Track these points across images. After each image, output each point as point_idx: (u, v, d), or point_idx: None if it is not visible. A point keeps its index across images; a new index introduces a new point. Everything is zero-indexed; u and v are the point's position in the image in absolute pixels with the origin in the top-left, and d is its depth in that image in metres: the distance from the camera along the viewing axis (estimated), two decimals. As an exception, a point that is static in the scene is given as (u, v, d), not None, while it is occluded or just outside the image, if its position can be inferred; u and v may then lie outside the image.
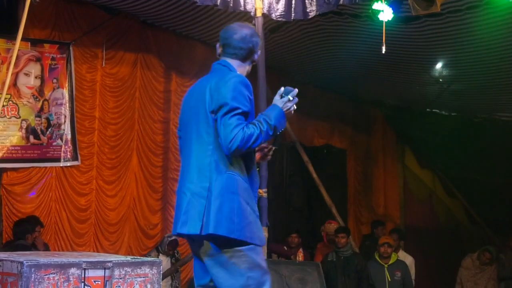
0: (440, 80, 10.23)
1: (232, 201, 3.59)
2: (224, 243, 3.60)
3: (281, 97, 3.82)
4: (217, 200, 3.58)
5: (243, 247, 3.61)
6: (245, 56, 3.98)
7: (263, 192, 7.64)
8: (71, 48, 8.60)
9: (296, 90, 3.83)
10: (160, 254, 8.78)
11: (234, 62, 3.98)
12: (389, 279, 9.14)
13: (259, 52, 4.09)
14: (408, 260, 10.05)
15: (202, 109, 3.75)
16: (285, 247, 9.39)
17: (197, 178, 3.68)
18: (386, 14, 7.46)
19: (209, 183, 3.63)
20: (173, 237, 8.91)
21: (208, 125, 3.70)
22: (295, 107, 3.82)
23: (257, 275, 3.64)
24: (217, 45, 4.09)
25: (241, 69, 3.98)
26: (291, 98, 3.78)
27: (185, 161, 3.84)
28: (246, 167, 3.73)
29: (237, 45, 3.94)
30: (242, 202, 3.62)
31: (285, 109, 3.76)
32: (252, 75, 10.29)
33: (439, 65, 9.75)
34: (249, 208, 3.65)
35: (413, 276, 9.90)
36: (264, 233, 7.62)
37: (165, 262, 8.61)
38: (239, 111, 3.60)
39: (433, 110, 12.58)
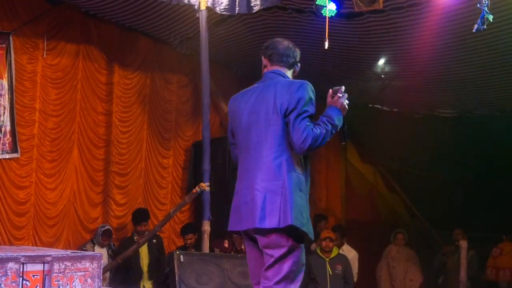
0: (382, 76, 10.36)
1: (301, 198, 3.92)
2: (286, 235, 3.87)
3: (332, 98, 4.15)
4: (291, 196, 3.87)
5: (298, 242, 3.93)
6: (291, 64, 4.30)
7: (205, 186, 7.64)
8: (10, 38, 8.40)
9: (343, 87, 4.15)
10: (96, 246, 8.74)
11: (284, 70, 4.28)
12: (330, 273, 9.22)
13: (299, 66, 4.37)
14: (352, 254, 10.17)
15: (268, 113, 4.02)
16: (226, 242, 9.38)
17: (270, 177, 3.94)
18: (329, 9, 7.51)
19: (283, 181, 3.90)
20: (107, 227, 8.87)
21: (276, 128, 3.98)
22: (348, 102, 4.15)
23: (296, 269, 3.94)
24: (263, 59, 4.33)
25: (290, 76, 4.29)
26: (340, 95, 4.10)
27: (250, 163, 4.08)
28: (306, 169, 4.08)
29: (284, 53, 4.26)
30: (306, 201, 3.97)
31: (340, 107, 4.12)
32: (195, 69, 10.32)
33: (381, 61, 9.87)
34: (308, 208, 3.99)
35: (356, 271, 10.03)
36: (206, 226, 7.69)
37: (100, 252, 8.56)
38: (308, 114, 3.95)
39: (375, 105, 12.72)
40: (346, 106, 4.13)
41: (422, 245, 12.18)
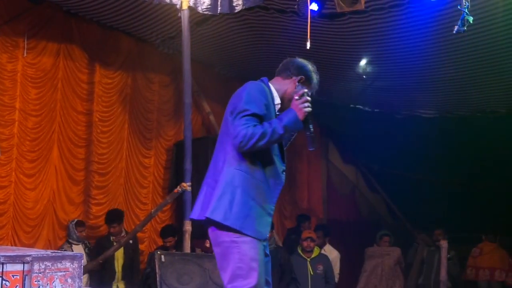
0: (364, 76, 10.38)
1: (232, 193, 3.84)
2: (224, 231, 3.84)
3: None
4: (219, 190, 3.86)
5: (238, 237, 3.81)
6: (287, 75, 4.32)
7: (187, 185, 7.62)
8: (-10, 37, 8.37)
9: (304, 90, 4.07)
10: (73, 245, 8.69)
11: (277, 78, 4.33)
12: (312, 273, 9.25)
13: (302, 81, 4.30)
14: (334, 254, 10.20)
15: (226, 115, 4.07)
16: (207, 242, 9.37)
17: (212, 173, 4.02)
18: (311, 10, 7.52)
19: (219, 176, 3.94)
20: (76, 220, 8.84)
21: (227, 127, 4.02)
22: (307, 106, 3.99)
23: (245, 265, 3.80)
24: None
25: (281, 83, 4.31)
26: (297, 98, 3.99)
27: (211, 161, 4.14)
28: (262, 167, 3.97)
29: (286, 65, 4.41)
30: (244, 196, 3.85)
31: (297, 110, 3.96)
32: (177, 68, 10.29)
33: (363, 62, 9.89)
34: (253, 203, 3.86)
35: (338, 271, 10.05)
36: (188, 226, 7.67)
37: (77, 251, 8.54)
38: (248, 112, 3.88)
39: (357, 106, 12.76)
40: (304, 110, 3.97)
41: (404, 245, 12.20)
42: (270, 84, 4.21)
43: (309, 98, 4.01)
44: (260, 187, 3.92)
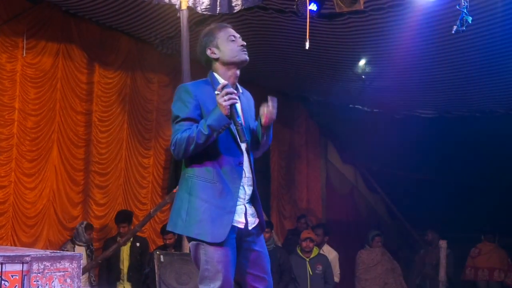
0: (363, 76, 10.39)
1: (182, 201, 3.80)
2: (188, 239, 3.82)
3: None
4: (175, 201, 3.86)
5: (195, 243, 3.77)
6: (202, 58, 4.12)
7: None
8: (-11, 37, 8.37)
9: (224, 82, 3.80)
10: (76, 246, 8.70)
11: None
12: (311, 273, 9.25)
13: (210, 49, 4.06)
14: (332, 255, 10.19)
15: None
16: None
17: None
18: (310, 10, 7.52)
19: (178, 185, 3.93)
20: (85, 223, 8.87)
21: None
22: (230, 97, 3.68)
23: (211, 267, 3.74)
24: None
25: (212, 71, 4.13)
26: (217, 93, 3.73)
27: None
28: (213, 166, 3.82)
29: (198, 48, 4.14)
30: (196, 202, 3.76)
31: (218, 104, 3.71)
32: (176, 68, 10.28)
33: (362, 62, 9.90)
34: (207, 206, 3.75)
35: (337, 271, 10.04)
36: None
37: (79, 252, 8.54)
38: (179, 118, 3.78)
39: (356, 106, 12.77)
40: (226, 104, 3.65)
41: (403, 245, 12.24)
42: (214, 73, 4.05)
43: (231, 89, 3.73)
44: (213, 187, 3.79)
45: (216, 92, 3.75)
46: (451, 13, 7.28)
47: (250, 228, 3.91)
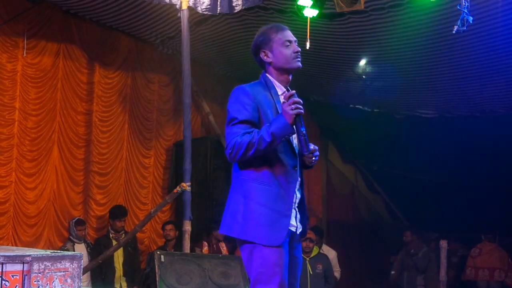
0: (363, 76, 10.39)
1: (237, 204, 3.78)
2: (242, 242, 3.78)
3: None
4: (229, 204, 3.84)
5: (250, 246, 3.73)
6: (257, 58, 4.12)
7: (186, 185, 7.63)
8: (-10, 37, 8.37)
9: (291, 92, 3.82)
10: (75, 244, 8.70)
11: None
12: (311, 272, 9.26)
13: (265, 51, 4.08)
14: (331, 254, 10.20)
15: None
16: (205, 244, 9.39)
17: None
18: (311, 10, 7.52)
19: (231, 188, 3.88)
20: (76, 218, 8.87)
21: None
22: (296, 107, 3.72)
23: (265, 270, 3.70)
24: None
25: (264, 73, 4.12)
26: (284, 101, 3.76)
27: None
28: (269, 169, 3.79)
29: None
30: (253, 205, 3.73)
31: (285, 114, 3.70)
32: (176, 68, 10.29)
33: (362, 62, 9.90)
34: (263, 210, 3.72)
35: (336, 269, 10.06)
36: (187, 226, 7.68)
37: (80, 250, 8.57)
38: (237, 120, 3.74)
39: (356, 106, 12.76)
40: (292, 113, 3.67)
41: (403, 245, 12.18)
42: (269, 76, 4.02)
43: (297, 99, 3.73)
44: (269, 190, 3.77)
45: (282, 100, 3.79)
46: (451, 13, 7.29)
47: (298, 233, 3.91)
